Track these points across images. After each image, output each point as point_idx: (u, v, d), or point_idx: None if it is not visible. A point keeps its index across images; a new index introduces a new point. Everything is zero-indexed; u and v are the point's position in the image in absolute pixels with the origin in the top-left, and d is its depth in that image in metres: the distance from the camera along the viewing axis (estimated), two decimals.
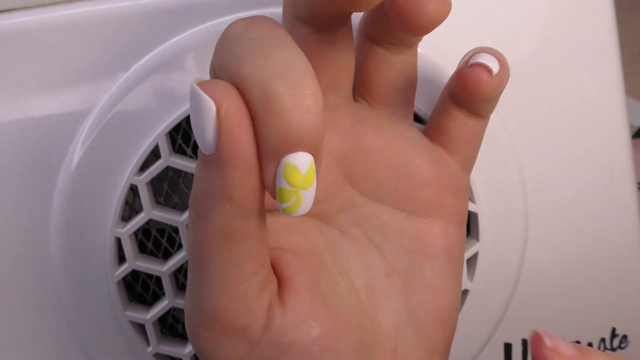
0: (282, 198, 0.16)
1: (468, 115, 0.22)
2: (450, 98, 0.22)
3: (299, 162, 0.15)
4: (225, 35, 0.17)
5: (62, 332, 0.26)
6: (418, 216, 0.22)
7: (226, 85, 0.15)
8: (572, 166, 0.28)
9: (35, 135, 0.24)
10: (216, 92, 0.15)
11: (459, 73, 0.20)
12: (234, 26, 0.17)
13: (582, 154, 0.28)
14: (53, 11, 0.24)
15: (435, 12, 0.18)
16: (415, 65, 0.22)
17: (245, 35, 0.16)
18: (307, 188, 0.16)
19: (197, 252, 0.18)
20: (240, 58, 0.16)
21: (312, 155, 0.15)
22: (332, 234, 0.22)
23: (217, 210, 0.16)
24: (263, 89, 0.15)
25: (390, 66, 0.21)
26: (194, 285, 0.18)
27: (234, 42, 0.16)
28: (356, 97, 0.22)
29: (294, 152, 0.15)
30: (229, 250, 0.17)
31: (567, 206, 0.28)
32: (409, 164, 0.22)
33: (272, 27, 0.16)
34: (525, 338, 0.29)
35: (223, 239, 0.17)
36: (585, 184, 0.28)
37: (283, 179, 0.15)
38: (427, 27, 0.18)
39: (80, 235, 0.24)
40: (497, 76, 0.20)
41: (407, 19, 0.18)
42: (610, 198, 0.28)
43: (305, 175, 0.15)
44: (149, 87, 0.24)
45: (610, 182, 0.28)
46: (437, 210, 0.22)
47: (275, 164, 0.15)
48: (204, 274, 0.18)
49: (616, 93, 0.28)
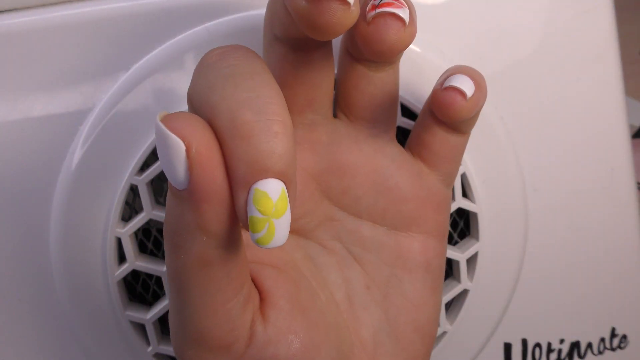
0: (254, 228, 0.15)
1: (448, 132, 0.21)
2: (430, 114, 0.22)
3: (269, 189, 0.15)
4: (201, 64, 0.17)
5: (62, 332, 0.26)
6: (398, 230, 0.22)
7: (193, 120, 0.15)
8: (572, 166, 0.28)
9: (35, 135, 0.24)
10: (184, 129, 0.15)
11: (434, 95, 0.20)
12: (209, 55, 0.17)
13: (582, 154, 0.28)
14: (53, 11, 0.24)
15: (396, 39, 0.18)
16: (396, 81, 0.22)
17: (220, 63, 0.16)
18: (280, 216, 0.15)
19: (176, 280, 0.17)
20: (212, 86, 0.16)
21: (283, 182, 0.15)
22: (311, 248, 0.22)
23: (192, 242, 0.16)
24: (230, 115, 0.15)
25: (369, 83, 0.21)
26: (176, 309, 0.18)
27: (208, 70, 0.16)
28: (337, 113, 0.22)
29: (264, 179, 0.15)
30: (208, 278, 0.17)
31: (567, 206, 0.28)
32: (387, 180, 0.22)
33: (246, 56, 0.17)
34: (525, 338, 0.29)
35: (201, 268, 0.17)
36: (585, 184, 0.28)
37: (254, 207, 0.15)
38: (389, 53, 0.18)
39: (80, 235, 0.24)
40: (472, 99, 0.20)
41: (368, 44, 0.18)
42: (610, 198, 0.28)
43: (276, 202, 0.15)
44: (149, 87, 0.24)
45: (610, 182, 0.28)
46: (416, 225, 0.22)
47: (246, 192, 0.15)
48: (185, 300, 0.18)
49: (616, 93, 0.28)
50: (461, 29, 0.26)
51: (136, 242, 0.25)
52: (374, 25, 0.18)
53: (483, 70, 0.26)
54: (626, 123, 0.28)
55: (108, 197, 0.24)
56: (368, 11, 0.18)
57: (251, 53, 0.17)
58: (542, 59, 0.27)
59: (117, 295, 0.25)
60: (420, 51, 0.25)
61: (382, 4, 0.18)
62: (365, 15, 0.18)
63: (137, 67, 0.24)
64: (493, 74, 0.26)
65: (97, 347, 0.26)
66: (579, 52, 0.27)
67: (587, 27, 0.27)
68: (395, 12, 0.18)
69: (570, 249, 0.29)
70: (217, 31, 0.24)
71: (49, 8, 0.24)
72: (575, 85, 0.27)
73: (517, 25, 0.26)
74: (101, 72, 0.24)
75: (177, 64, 0.24)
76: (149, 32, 0.24)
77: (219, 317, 0.18)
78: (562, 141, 0.27)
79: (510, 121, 0.27)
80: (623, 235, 0.29)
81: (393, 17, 0.18)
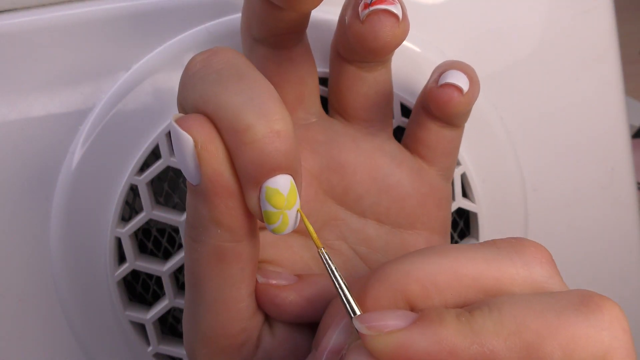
0: (269, 220, 0.16)
1: (443, 126, 0.22)
2: (423, 110, 0.22)
3: (280, 185, 0.16)
4: (186, 73, 0.17)
5: (62, 332, 0.26)
6: (402, 228, 0.22)
7: (200, 119, 0.16)
8: (572, 166, 0.28)
9: (35, 135, 0.24)
10: (191, 126, 0.16)
11: (430, 92, 0.20)
12: (193, 62, 0.17)
13: (582, 154, 0.28)
14: (53, 11, 0.24)
15: (390, 35, 0.18)
16: (389, 80, 0.22)
17: (205, 70, 0.17)
18: (292, 207, 0.16)
19: (193, 274, 0.18)
20: (203, 95, 0.16)
21: (291, 175, 0.16)
22: None
23: (209, 235, 0.17)
24: (231, 122, 0.15)
25: (363, 83, 0.21)
26: (191, 305, 0.19)
27: (195, 79, 0.17)
28: (332, 114, 0.22)
29: (273, 177, 0.16)
30: (223, 272, 0.17)
31: (567, 206, 0.28)
32: (388, 178, 0.22)
33: (229, 57, 0.17)
34: None
35: (217, 261, 0.17)
36: (585, 184, 0.28)
37: (267, 203, 0.16)
38: (383, 50, 0.19)
39: (80, 235, 0.24)
40: (468, 94, 0.20)
41: (363, 43, 0.19)
42: (610, 198, 0.28)
43: (287, 195, 0.16)
44: (149, 87, 0.24)
45: (610, 182, 0.28)
46: (420, 222, 0.22)
47: (257, 191, 0.16)
48: (200, 295, 0.18)
49: (616, 93, 0.28)
50: (461, 29, 0.26)
51: (136, 242, 0.25)
52: (369, 23, 0.18)
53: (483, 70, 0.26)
54: (626, 123, 0.28)
55: (108, 197, 0.24)
56: (361, 10, 0.18)
57: (232, 53, 0.17)
58: (542, 59, 0.27)
59: (117, 295, 0.25)
60: (420, 51, 0.25)
61: (375, 1, 0.18)
62: (359, 14, 0.18)
63: (137, 67, 0.24)
64: (493, 74, 0.26)
65: (97, 347, 0.26)
66: (579, 52, 0.27)
67: (587, 27, 0.27)
68: (388, 8, 0.18)
69: (570, 249, 0.29)
70: (217, 31, 0.24)
71: (49, 8, 0.24)
72: (575, 85, 0.27)
73: (517, 25, 0.26)
74: (101, 72, 0.24)
75: (177, 64, 0.24)
76: (149, 32, 0.24)
77: (232, 315, 0.18)
78: (562, 141, 0.27)
79: (510, 121, 0.27)
80: (623, 235, 0.29)
81: (387, 14, 0.18)
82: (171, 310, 0.27)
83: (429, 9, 0.25)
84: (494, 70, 0.26)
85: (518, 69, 0.26)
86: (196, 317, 0.19)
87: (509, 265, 0.15)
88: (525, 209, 0.27)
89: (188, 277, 0.18)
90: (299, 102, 0.21)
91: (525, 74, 0.27)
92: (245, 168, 0.16)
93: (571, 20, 0.27)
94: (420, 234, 0.22)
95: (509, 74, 0.26)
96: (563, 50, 0.27)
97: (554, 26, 0.27)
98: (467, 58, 0.26)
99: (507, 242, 0.16)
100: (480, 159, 0.24)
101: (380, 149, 0.22)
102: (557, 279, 0.16)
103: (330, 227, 0.22)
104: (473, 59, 0.26)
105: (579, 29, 0.27)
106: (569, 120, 0.27)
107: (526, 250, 0.16)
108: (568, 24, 0.27)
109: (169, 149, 0.24)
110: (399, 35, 0.18)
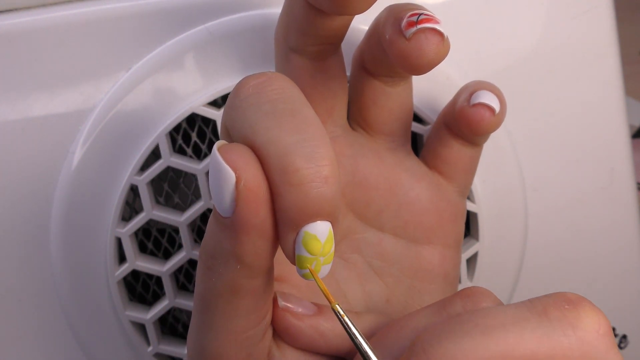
0: (302, 265, 0.16)
1: (464, 145, 0.22)
2: (446, 127, 0.22)
3: (318, 231, 0.15)
4: (237, 95, 0.16)
5: (62, 332, 0.26)
6: (418, 243, 0.22)
7: (247, 154, 0.15)
8: (572, 166, 0.28)
9: (35, 135, 0.24)
10: (237, 161, 0.15)
11: (461, 111, 0.21)
12: (245, 86, 0.16)
13: (582, 154, 0.28)
14: (53, 11, 0.24)
15: (435, 52, 0.18)
16: (411, 95, 0.22)
17: (258, 98, 0.16)
18: (326, 255, 0.16)
19: (203, 300, 0.18)
20: (254, 125, 0.16)
21: (330, 223, 0.15)
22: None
23: (226, 268, 0.17)
24: (280, 160, 0.15)
25: (388, 98, 0.21)
26: (198, 329, 0.18)
27: (247, 105, 0.16)
28: (354, 126, 0.23)
29: (313, 222, 0.15)
30: (235, 306, 0.17)
31: (567, 206, 0.28)
32: (408, 192, 0.22)
33: (284, 87, 0.16)
34: None
35: (230, 294, 0.17)
36: (585, 184, 0.28)
37: (303, 248, 0.15)
38: (427, 67, 0.19)
39: (80, 235, 0.24)
40: (499, 115, 0.21)
41: (407, 60, 0.18)
42: (610, 198, 0.28)
43: (324, 243, 0.15)
44: (149, 87, 0.24)
45: (610, 182, 0.28)
46: (436, 237, 0.22)
47: (295, 234, 0.15)
48: (208, 321, 0.18)
49: (616, 93, 0.28)
50: (461, 29, 0.26)
51: (136, 242, 0.25)
52: (416, 41, 0.18)
53: (483, 70, 0.26)
54: (626, 123, 0.28)
55: (108, 197, 0.24)
56: (405, 28, 0.18)
57: (287, 83, 0.17)
58: (542, 59, 0.27)
59: (117, 295, 0.25)
60: None
61: (422, 20, 0.18)
62: (402, 32, 0.18)
63: (137, 67, 0.24)
64: (493, 74, 0.26)
65: (97, 347, 0.26)
66: (579, 52, 0.27)
67: (587, 27, 0.27)
68: (435, 27, 0.18)
69: (570, 249, 0.29)
70: (217, 31, 0.24)
71: (49, 8, 0.24)
72: (575, 85, 0.27)
73: (517, 26, 0.26)
74: (101, 72, 0.24)
75: (177, 64, 0.24)
76: (149, 32, 0.24)
77: (239, 344, 0.18)
78: (562, 141, 0.27)
79: (510, 121, 0.27)
80: (623, 235, 0.29)
81: (434, 32, 0.18)
82: (171, 310, 0.27)
83: (429, 9, 0.25)
84: (494, 71, 0.26)
85: (518, 69, 0.26)
86: (201, 342, 0.18)
87: (563, 342, 0.14)
88: (525, 209, 0.27)
89: (197, 302, 0.18)
90: (329, 115, 0.21)
91: (525, 74, 0.27)
92: (286, 210, 0.15)
93: (571, 20, 0.27)
94: (436, 248, 0.22)
95: (509, 74, 0.26)
96: (563, 50, 0.27)
97: (554, 26, 0.27)
98: (466, 58, 0.26)
99: (560, 311, 0.15)
100: (480, 160, 0.24)
101: (401, 164, 0.22)
102: (612, 353, 0.15)
103: (347, 241, 0.22)
104: (473, 59, 0.26)
105: (579, 29, 0.27)
106: (569, 121, 0.27)
107: (583, 321, 0.14)
108: (568, 24, 0.27)
109: (169, 149, 0.24)
110: (443, 54, 0.18)
